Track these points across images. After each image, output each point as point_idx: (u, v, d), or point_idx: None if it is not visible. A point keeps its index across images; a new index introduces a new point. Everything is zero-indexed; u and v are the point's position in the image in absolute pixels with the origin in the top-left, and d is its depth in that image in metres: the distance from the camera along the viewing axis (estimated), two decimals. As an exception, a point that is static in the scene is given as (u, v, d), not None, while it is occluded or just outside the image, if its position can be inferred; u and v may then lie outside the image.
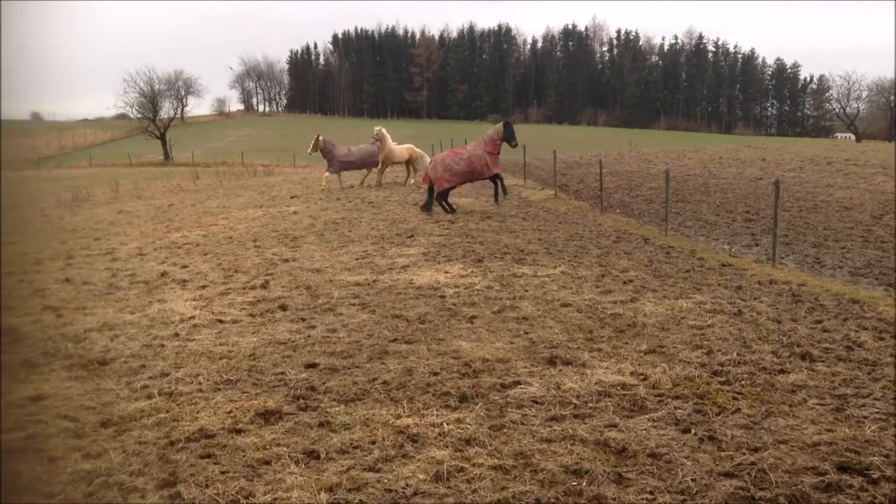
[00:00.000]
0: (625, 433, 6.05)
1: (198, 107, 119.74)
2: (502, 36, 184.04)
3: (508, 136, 21.36)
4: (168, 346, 9.03)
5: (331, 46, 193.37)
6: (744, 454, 5.63)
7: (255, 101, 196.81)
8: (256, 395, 7.20)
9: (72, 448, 6.04)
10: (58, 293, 12.57)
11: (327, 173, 29.97)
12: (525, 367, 7.84)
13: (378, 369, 7.88)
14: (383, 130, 29.09)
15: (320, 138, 29.54)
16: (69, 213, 28.48)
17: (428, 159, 27.72)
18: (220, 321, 10.21)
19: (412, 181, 30.06)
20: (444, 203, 21.69)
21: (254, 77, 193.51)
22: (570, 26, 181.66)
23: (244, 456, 5.80)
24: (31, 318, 10.74)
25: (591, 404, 6.74)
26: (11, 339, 9.30)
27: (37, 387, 7.62)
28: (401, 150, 29.89)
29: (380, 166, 29.75)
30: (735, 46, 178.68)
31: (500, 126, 21.70)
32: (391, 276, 12.99)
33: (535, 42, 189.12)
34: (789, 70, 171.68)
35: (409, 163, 30.38)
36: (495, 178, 21.89)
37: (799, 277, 12.76)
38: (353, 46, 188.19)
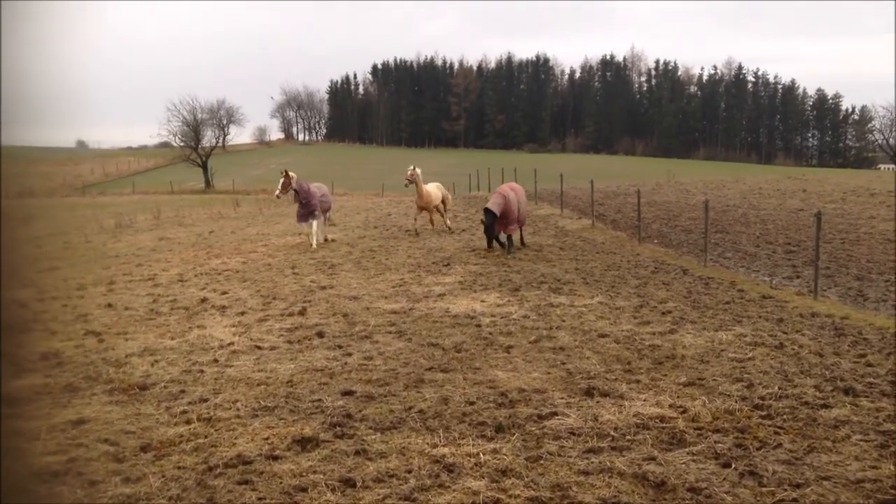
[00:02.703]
0: (664, 467, 5.98)
1: (239, 135, 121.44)
2: (540, 66, 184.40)
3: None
4: (207, 372, 9.12)
5: (370, 76, 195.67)
6: (785, 490, 5.52)
7: (295, 129, 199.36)
8: (293, 421, 7.24)
9: (112, 472, 6.10)
10: (100, 318, 12.78)
11: (315, 223, 22.23)
12: (562, 398, 7.79)
13: (414, 398, 7.88)
14: (418, 171, 24.24)
15: (292, 176, 21.88)
16: (112, 240, 28.98)
17: (450, 196, 26.55)
18: (259, 347, 10.30)
19: (449, 222, 25.99)
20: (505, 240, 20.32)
21: (294, 106, 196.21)
22: (608, 56, 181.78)
23: (281, 483, 5.82)
24: (73, 342, 10.91)
25: (629, 437, 6.66)
26: (54, 362, 9.47)
27: (78, 410, 7.73)
28: (434, 191, 25.33)
29: (416, 210, 25.34)
30: (775, 77, 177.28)
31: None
32: (427, 305, 13.02)
33: (573, 72, 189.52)
34: (831, 100, 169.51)
35: (443, 202, 25.79)
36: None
37: (842, 310, 12.53)
38: (392, 76, 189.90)
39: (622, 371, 8.80)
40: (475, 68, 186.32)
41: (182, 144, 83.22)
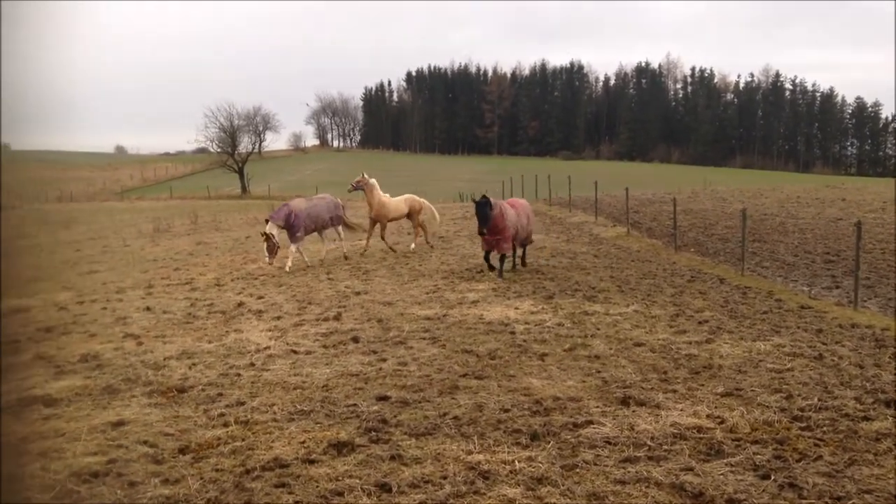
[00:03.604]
0: (701, 477, 5.92)
1: (275, 142, 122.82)
2: (574, 73, 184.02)
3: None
4: (244, 376, 9.21)
5: (404, 83, 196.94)
6: (826, 503, 5.44)
7: (329, 136, 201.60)
8: (329, 425, 7.28)
9: (151, 473, 6.19)
10: (139, 321, 12.96)
11: (294, 245, 19.71)
12: (597, 407, 7.75)
13: (449, 404, 7.89)
14: (371, 181, 21.78)
15: (272, 234, 18.77)
16: (150, 244, 29.38)
17: (435, 211, 23.51)
18: (295, 352, 10.38)
19: (422, 240, 23.44)
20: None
21: (329, 113, 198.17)
22: (643, 64, 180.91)
23: (317, 486, 5.86)
24: (112, 344, 11.08)
25: (665, 447, 6.61)
26: (94, 364, 9.61)
27: (118, 412, 7.85)
28: (397, 203, 22.46)
29: (370, 224, 22.18)
30: (813, 84, 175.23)
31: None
32: (461, 311, 13.02)
33: (607, 79, 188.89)
34: (870, 108, 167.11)
35: (412, 216, 22.88)
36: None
37: (882, 321, 12.32)
38: (426, 83, 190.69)
39: (658, 380, 8.73)
40: (509, 75, 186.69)
41: (219, 150, 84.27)
